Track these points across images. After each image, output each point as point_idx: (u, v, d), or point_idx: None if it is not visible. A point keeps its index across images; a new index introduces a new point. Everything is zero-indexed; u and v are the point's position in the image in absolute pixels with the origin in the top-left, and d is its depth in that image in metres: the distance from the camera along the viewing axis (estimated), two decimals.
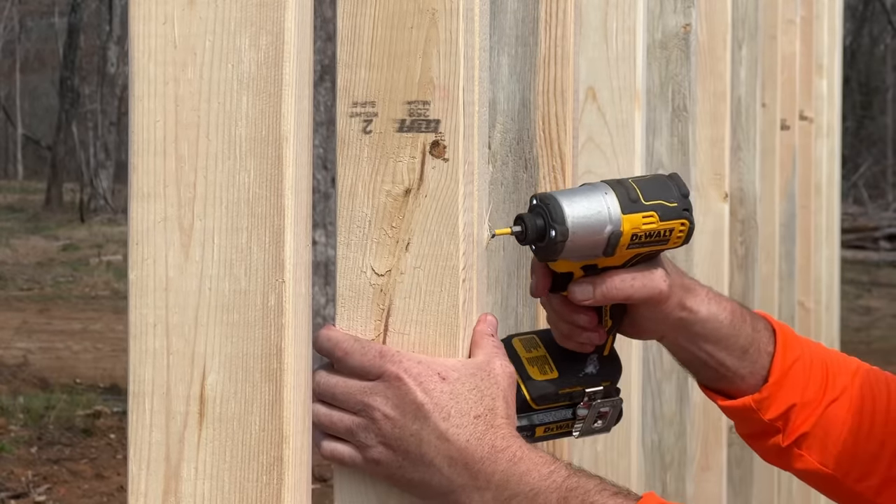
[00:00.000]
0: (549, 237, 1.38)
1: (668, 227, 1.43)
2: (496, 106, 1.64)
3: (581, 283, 1.45)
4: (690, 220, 1.45)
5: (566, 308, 1.48)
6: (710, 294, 1.55)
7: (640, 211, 1.41)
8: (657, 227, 1.42)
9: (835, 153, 5.98)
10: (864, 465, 1.58)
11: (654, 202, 1.42)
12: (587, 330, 1.48)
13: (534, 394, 1.45)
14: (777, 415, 1.59)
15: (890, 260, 18.12)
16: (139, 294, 1.18)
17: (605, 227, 1.39)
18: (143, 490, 1.18)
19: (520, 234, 1.39)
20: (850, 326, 11.34)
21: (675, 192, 1.44)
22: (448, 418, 1.25)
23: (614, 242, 1.40)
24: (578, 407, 1.47)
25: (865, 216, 21.22)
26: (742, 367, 1.57)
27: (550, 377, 1.47)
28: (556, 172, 1.69)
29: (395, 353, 1.26)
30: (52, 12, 34.01)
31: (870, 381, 1.61)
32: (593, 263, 1.44)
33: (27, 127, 34.07)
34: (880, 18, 28.90)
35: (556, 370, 1.47)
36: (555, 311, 1.49)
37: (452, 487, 1.26)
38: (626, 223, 1.40)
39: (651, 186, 1.43)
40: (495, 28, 1.62)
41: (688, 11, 2.46)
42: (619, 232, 1.40)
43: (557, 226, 1.37)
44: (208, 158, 1.16)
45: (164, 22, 1.16)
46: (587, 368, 1.49)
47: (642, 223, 1.41)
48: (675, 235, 1.44)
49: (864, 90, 29.15)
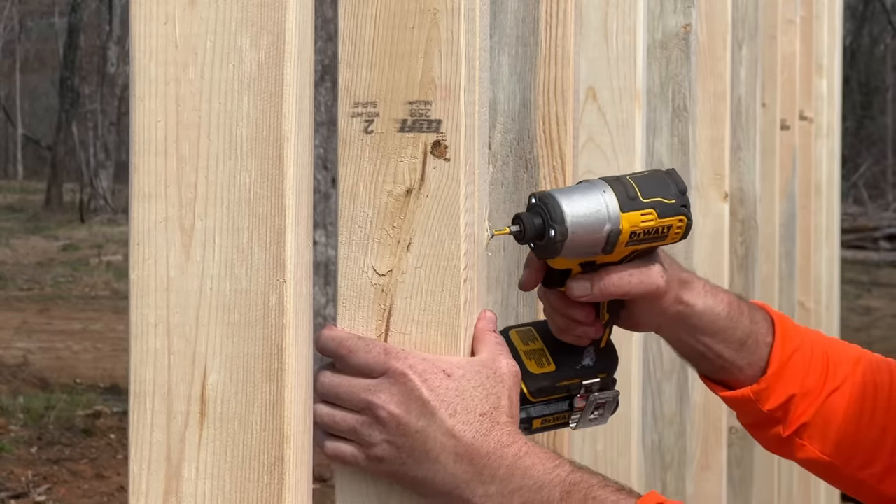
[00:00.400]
0: (548, 236, 1.38)
1: (667, 223, 1.43)
2: (497, 106, 1.64)
3: (579, 280, 1.45)
4: (688, 216, 1.45)
5: (563, 303, 1.48)
6: (707, 287, 1.56)
7: (639, 209, 1.41)
8: (655, 225, 1.42)
9: (835, 153, 5.98)
10: (866, 452, 1.58)
11: (653, 199, 1.42)
12: (584, 324, 1.48)
13: (532, 387, 1.45)
14: (776, 405, 1.59)
15: (890, 260, 18.12)
16: (140, 294, 1.18)
17: (604, 225, 1.39)
18: (144, 490, 1.18)
19: (518, 233, 1.39)
20: (850, 326, 11.35)
21: (672, 189, 1.44)
22: (454, 415, 1.25)
23: (613, 240, 1.40)
24: (575, 399, 1.48)
25: (865, 216, 21.22)
26: (740, 359, 1.58)
27: (548, 370, 1.47)
28: (556, 172, 1.69)
29: (400, 351, 1.26)
30: (52, 12, 34.01)
31: (871, 369, 1.61)
32: (591, 260, 1.44)
33: (27, 127, 34.07)
34: (880, 18, 28.90)
35: (553, 363, 1.47)
36: (552, 305, 1.49)
37: (457, 483, 1.26)
38: (625, 221, 1.40)
39: (649, 183, 1.43)
40: (496, 28, 1.62)
41: (688, 11, 2.46)
42: (617, 230, 1.40)
43: (557, 225, 1.37)
44: (209, 158, 1.16)
45: (165, 22, 1.16)
46: (584, 361, 1.49)
47: (641, 221, 1.41)
48: (672, 232, 1.45)
49: (864, 90, 29.14)
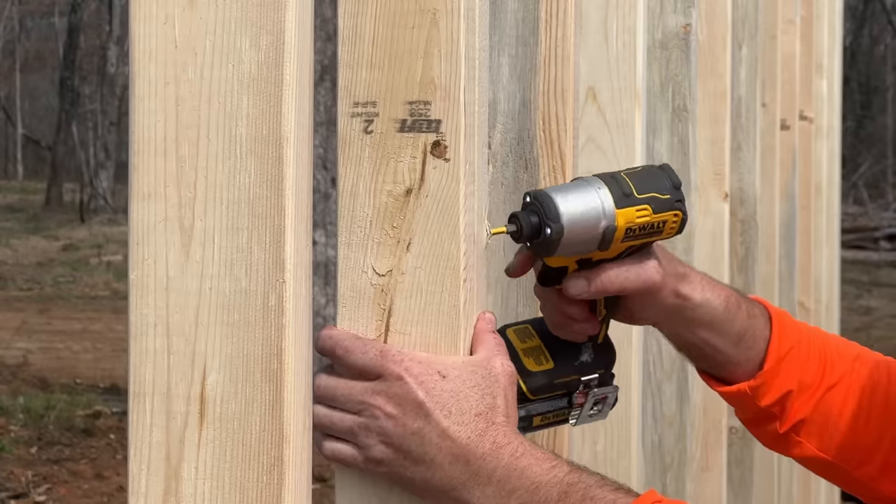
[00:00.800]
0: (544, 234, 1.38)
1: (662, 219, 1.44)
2: (496, 106, 1.64)
3: (575, 278, 1.45)
4: (683, 210, 1.45)
5: (560, 300, 1.48)
6: (704, 280, 1.56)
7: (634, 205, 1.41)
8: (651, 220, 1.43)
9: (835, 153, 5.98)
10: (864, 451, 1.58)
11: (647, 195, 1.42)
12: (581, 321, 1.49)
13: (530, 385, 1.45)
14: (773, 401, 1.58)
15: (890, 260, 18.11)
16: (140, 294, 1.18)
17: (600, 222, 1.39)
18: (144, 490, 1.18)
19: (515, 232, 1.39)
20: (850, 326, 11.35)
21: (667, 184, 1.44)
22: (449, 416, 1.25)
23: (609, 237, 1.41)
24: (575, 395, 1.48)
25: (865, 216, 21.22)
26: (737, 354, 1.57)
27: (546, 367, 1.47)
28: (556, 172, 1.69)
29: (397, 353, 1.26)
30: (52, 12, 34.00)
31: (869, 367, 1.61)
32: (587, 257, 1.44)
33: (27, 127, 34.07)
34: (880, 18, 28.90)
35: (551, 360, 1.48)
36: (549, 302, 1.49)
37: (454, 484, 1.26)
38: (621, 217, 1.40)
39: (643, 179, 1.43)
40: (495, 28, 1.62)
41: (688, 11, 2.46)
42: (613, 227, 1.40)
43: (552, 223, 1.37)
44: (209, 158, 1.16)
45: (164, 22, 1.16)
46: (582, 357, 1.49)
47: (636, 217, 1.41)
48: (668, 227, 1.45)
49: (864, 90, 29.14)
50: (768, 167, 3.82)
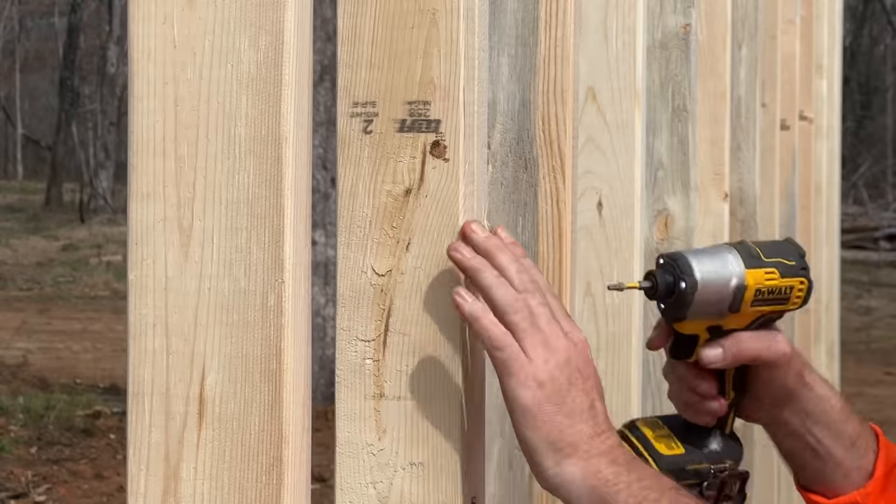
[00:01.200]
0: (678, 289, 1.42)
1: (789, 284, 1.47)
2: (496, 106, 1.63)
3: (711, 345, 1.47)
4: (809, 279, 1.49)
5: (690, 374, 1.49)
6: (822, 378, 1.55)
7: (762, 267, 1.46)
8: (778, 284, 1.47)
9: (835, 153, 5.98)
10: None
11: (774, 259, 1.47)
12: (710, 398, 1.49)
13: (664, 468, 1.46)
14: None
15: (890, 260, 18.12)
16: (139, 294, 1.18)
17: (731, 280, 1.43)
18: (143, 490, 1.18)
19: (650, 289, 1.43)
20: (850, 326, 11.34)
21: (793, 252, 1.49)
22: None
23: (740, 297, 1.44)
24: (704, 487, 1.49)
25: (865, 216, 21.22)
26: (849, 459, 1.53)
27: (677, 452, 1.49)
28: (555, 172, 1.69)
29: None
30: (52, 12, 34.02)
31: None
32: (718, 325, 1.47)
33: (27, 127, 34.08)
34: (880, 18, 28.91)
35: (681, 446, 1.50)
36: (678, 378, 1.50)
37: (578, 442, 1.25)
38: (750, 278, 1.44)
39: (769, 246, 1.49)
40: (495, 28, 1.62)
41: (688, 11, 2.46)
42: (743, 286, 1.44)
43: (687, 277, 1.42)
44: (208, 158, 1.16)
45: (163, 22, 1.16)
46: (711, 445, 1.51)
47: (765, 278, 1.46)
48: (794, 294, 1.48)
49: (864, 90, 29.15)
50: (768, 167, 3.82)
